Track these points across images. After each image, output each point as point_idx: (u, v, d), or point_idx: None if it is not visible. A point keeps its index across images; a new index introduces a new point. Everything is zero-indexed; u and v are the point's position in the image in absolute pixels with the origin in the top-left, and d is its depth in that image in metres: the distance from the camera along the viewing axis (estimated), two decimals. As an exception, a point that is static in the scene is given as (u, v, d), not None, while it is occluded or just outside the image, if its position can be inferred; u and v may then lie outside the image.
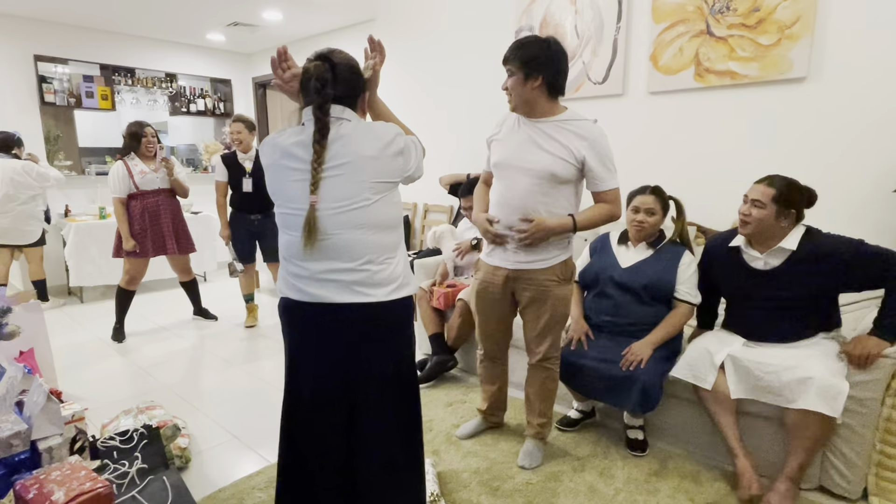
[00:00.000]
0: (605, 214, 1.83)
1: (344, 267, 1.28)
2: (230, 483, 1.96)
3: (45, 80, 4.70)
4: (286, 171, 1.30)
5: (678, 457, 2.12)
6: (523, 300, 1.96)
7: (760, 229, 1.87)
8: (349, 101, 1.34)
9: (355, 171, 1.26)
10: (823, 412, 1.66)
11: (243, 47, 5.82)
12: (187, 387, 2.85)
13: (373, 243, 1.29)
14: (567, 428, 2.33)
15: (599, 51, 3.16)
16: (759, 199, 1.85)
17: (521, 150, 1.84)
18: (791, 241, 1.85)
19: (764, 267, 1.91)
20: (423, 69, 4.30)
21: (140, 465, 1.66)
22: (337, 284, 1.28)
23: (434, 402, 2.61)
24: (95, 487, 1.30)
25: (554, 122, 1.82)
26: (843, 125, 2.44)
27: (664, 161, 3.02)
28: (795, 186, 1.86)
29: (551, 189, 1.81)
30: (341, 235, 1.26)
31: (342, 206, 1.26)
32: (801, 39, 2.46)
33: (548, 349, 1.99)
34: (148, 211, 3.47)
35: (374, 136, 1.30)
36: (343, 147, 1.26)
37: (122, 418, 2.17)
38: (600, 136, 1.79)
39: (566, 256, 1.92)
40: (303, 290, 1.32)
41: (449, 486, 1.94)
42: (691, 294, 2.07)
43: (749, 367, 1.85)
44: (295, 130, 1.32)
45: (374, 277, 1.30)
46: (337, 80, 1.28)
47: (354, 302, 1.29)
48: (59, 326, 3.91)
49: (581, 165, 1.79)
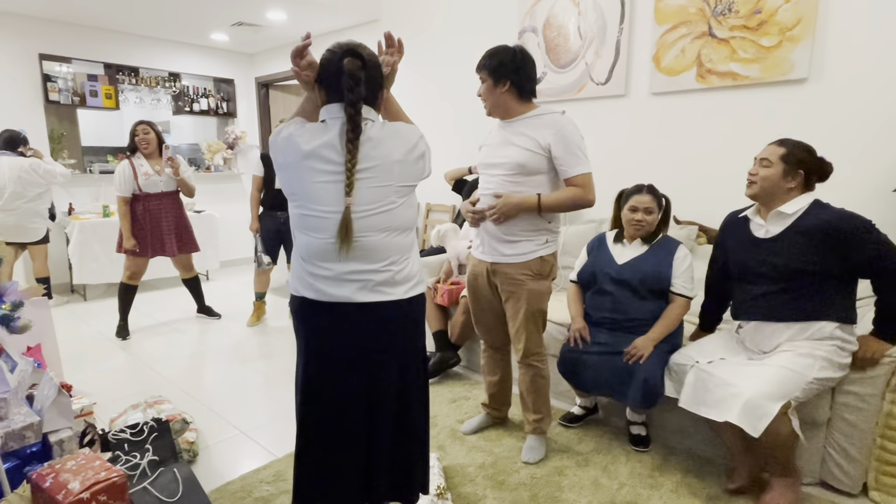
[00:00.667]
0: (571, 197, 1.86)
1: (369, 268, 1.29)
2: (238, 476, 1.99)
3: (50, 79, 4.73)
4: (312, 172, 1.24)
5: (681, 452, 2.14)
6: (503, 294, 2.03)
7: (765, 189, 1.80)
8: (372, 99, 1.31)
9: (384, 174, 1.26)
10: (744, 428, 1.62)
11: (247, 47, 5.85)
12: (192, 383, 2.87)
13: (395, 245, 1.32)
14: (570, 424, 2.35)
15: (602, 52, 3.19)
16: (766, 157, 1.80)
17: (496, 149, 1.97)
18: (792, 205, 1.77)
19: (765, 235, 1.84)
20: (427, 69, 4.33)
21: (151, 457, 1.68)
22: (360, 284, 1.29)
23: (438, 398, 2.63)
24: (111, 477, 1.32)
25: (524, 119, 1.93)
26: (843, 126, 2.47)
27: (666, 161, 3.05)
28: (807, 148, 1.79)
29: (524, 180, 1.89)
30: (369, 238, 1.27)
31: (371, 209, 1.26)
32: (802, 41, 2.49)
33: (527, 346, 2.02)
34: (150, 213, 3.50)
35: (401, 139, 1.31)
36: (372, 150, 1.25)
37: (130, 412, 2.19)
38: (567, 125, 1.86)
39: (544, 253, 1.96)
40: (322, 290, 1.30)
41: (455, 479, 1.96)
42: (686, 287, 2.10)
43: (705, 383, 1.78)
44: (316, 129, 1.27)
45: (396, 277, 1.32)
46: (367, 78, 1.24)
47: (375, 301, 1.30)
48: (63, 323, 3.92)
49: (548, 154, 1.86)
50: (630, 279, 2.11)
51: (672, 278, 2.10)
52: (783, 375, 1.67)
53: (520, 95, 1.92)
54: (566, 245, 3.13)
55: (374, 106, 1.33)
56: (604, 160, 3.30)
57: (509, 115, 1.95)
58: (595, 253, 2.28)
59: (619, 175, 3.21)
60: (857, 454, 1.81)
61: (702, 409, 1.78)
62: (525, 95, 1.93)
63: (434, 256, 3.26)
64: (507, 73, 1.88)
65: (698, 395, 1.80)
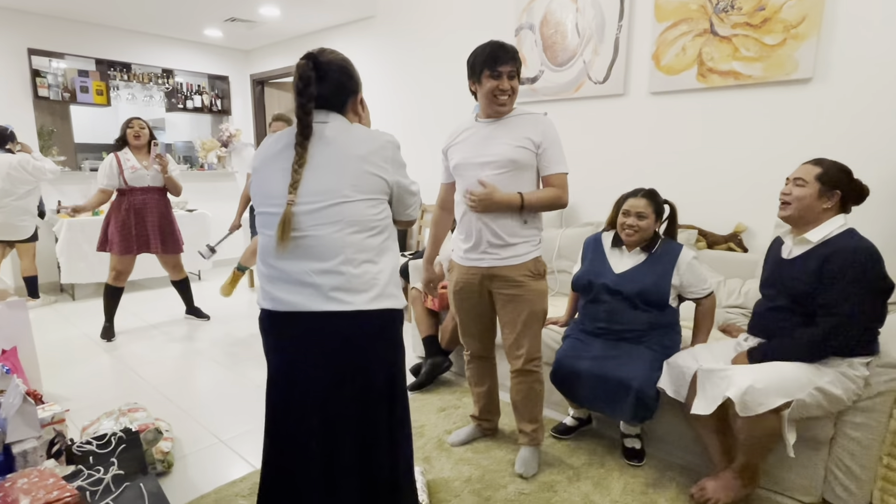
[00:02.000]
0: (552, 197, 1.87)
1: (319, 267, 1.20)
2: (213, 489, 1.90)
3: (39, 74, 4.65)
4: (270, 171, 1.27)
5: (677, 467, 2.05)
6: (500, 300, 1.94)
7: (801, 210, 1.71)
8: (337, 102, 1.29)
9: (336, 168, 1.21)
10: (736, 404, 1.55)
11: (241, 44, 5.76)
12: (175, 388, 2.79)
13: (350, 242, 1.21)
14: (562, 436, 2.26)
15: (600, 50, 3.10)
16: (801, 176, 1.72)
17: (479, 147, 1.90)
18: (818, 232, 1.69)
19: (787, 255, 1.79)
20: (423, 67, 4.25)
21: (116, 471, 1.59)
22: (313, 289, 1.20)
23: (426, 406, 2.55)
24: (62, 497, 1.24)
25: (511, 118, 1.89)
26: (848, 128, 2.37)
27: (665, 163, 2.95)
28: (844, 168, 1.71)
29: (512, 177, 1.85)
30: (317, 231, 1.20)
31: (318, 200, 1.20)
32: (807, 39, 2.40)
33: (529, 349, 1.95)
34: (134, 208, 3.42)
35: (363, 137, 1.26)
36: (326, 146, 1.23)
37: (103, 420, 2.10)
38: (550, 126, 1.89)
39: (537, 254, 1.94)
40: (277, 297, 1.24)
41: (439, 495, 1.88)
42: (704, 290, 2.02)
43: (710, 380, 1.72)
44: (285, 133, 1.29)
45: (352, 282, 1.21)
46: (323, 79, 1.24)
47: (331, 310, 1.20)
48: (49, 324, 3.85)
49: (537, 150, 1.85)
50: (627, 291, 2.01)
51: (687, 289, 2.02)
52: (790, 374, 1.61)
53: None
54: (562, 249, 3.04)
55: (340, 110, 1.30)
56: (601, 162, 3.22)
57: (493, 114, 1.90)
58: (591, 257, 2.19)
59: (616, 177, 3.13)
60: (862, 473, 1.73)
61: (711, 405, 1.70)
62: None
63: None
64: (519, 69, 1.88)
65: (707, 395, 1.72)
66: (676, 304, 2.07)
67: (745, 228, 2.68)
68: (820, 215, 1.71)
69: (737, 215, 2.71)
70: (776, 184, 1.94)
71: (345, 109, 1.31)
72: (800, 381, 1.61)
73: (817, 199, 1.69)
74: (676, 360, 1.92)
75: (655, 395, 1.92)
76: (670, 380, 1.90)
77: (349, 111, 1.33)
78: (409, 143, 4.46)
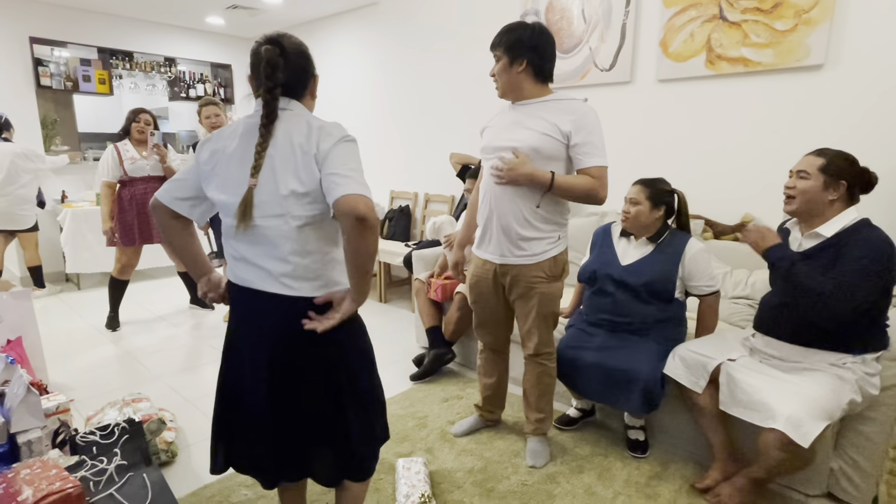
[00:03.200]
0: (586, 186, 1.72)
1: (272, 254, 1.24)
2: (216, 479, 1.91)
3: (42, 63, 4.62)
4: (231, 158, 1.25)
5: (681, 459, 2.04)
6: (512, 294, 1.92)
7: (806, 203, 1.66)
8: (298, 86, 1.28)
9: (284, 158, 1.20)
10: (792, 436, 1.50)
11: (244, 31, 5.72)
12: (179, 378, 2.80)
13: (297, 233, 1.22)
14: (566, 427, 2.25)
15: (607, 36, 3.04)
16: (804, 169, 1.66)
17: (505, 131, 1.82)
18: (832, 226, 1.63)
19: (797, 249, 1.72)
20: (426, 55, 4.19)
21: (119, 461, 1.59)
22: (266, 273, 1.25)
23: (430, 397, 2.54)
24: (65, 487, 1.24)
25: (541, 103, 1.79)
26: (861, 116, 2.32)
27: (673, 151, 2.91)
28: (848, 157, 1.65)
29: (538, 165, 1.75)
30: (266, 223, 1.22)
31: (269, 191, 1.20)
32: (819, 25, 2.34)
33: (537, 344, 1.93)
34: (136, 199, 3.41)
35: (306, 125, 1.22)
36: (281, 134, 1.22)
37: (107, 410, 2.11)
38: (588, 112, 1.74)
39: (557, 252, 1.85)
40: (237, 274, 1.30)
41: (441, 486, 1.88)
42: (709, 286, 1.98)
43: (738, 384, 1.70)
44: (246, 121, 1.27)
45: (299, 270, 1.23)
46: (287, 65, 1.23)
47: (280, 293, 1.24)
48: (55, 314, 3.87)
49: (567, 141, 1.73)
50: (633, 283, 1.99)
51: (690, 281, 1.97)
52: (824, 395, 1.56)
53: (536, 76, 1.77)
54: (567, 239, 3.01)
55: (298, 97, 1.28)
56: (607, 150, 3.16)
57: (523, 96, 1.80)
58: (599, 247, 2.16)
59: (622, 166, 3.08)
60: (868, 467, 1.71)
61: (737, 411, 1.69)
62: (542, 77, 1.79)
63: (429, 249, 3.16)
64: (523, 52, 1.73)
65: (736, 397, 1.70)
66: (683, 297, 2.04)
67: (752, 218, 2.64)
68: (826, 207, 1.65)
69: (744, 205, 2.67)
70: (784, 173, 1.90)
71: (304, 94, 1.30)
72: (838, 401, 1.57)
73: (822, 190, 1.64)
74: (690, 348, 1.89)
75: (662, 387, 1.90)
76: (685, 369, 1.86)
77: (307, 95, 1.32)
78: (410, 131, 4.43)
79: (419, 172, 4.44)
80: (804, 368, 1.69)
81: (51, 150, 4.73)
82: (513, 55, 1.74)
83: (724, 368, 1.76)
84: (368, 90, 4.77)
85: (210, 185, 1.29)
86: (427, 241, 3.54)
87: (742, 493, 1.74)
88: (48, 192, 4.68)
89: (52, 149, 4.74)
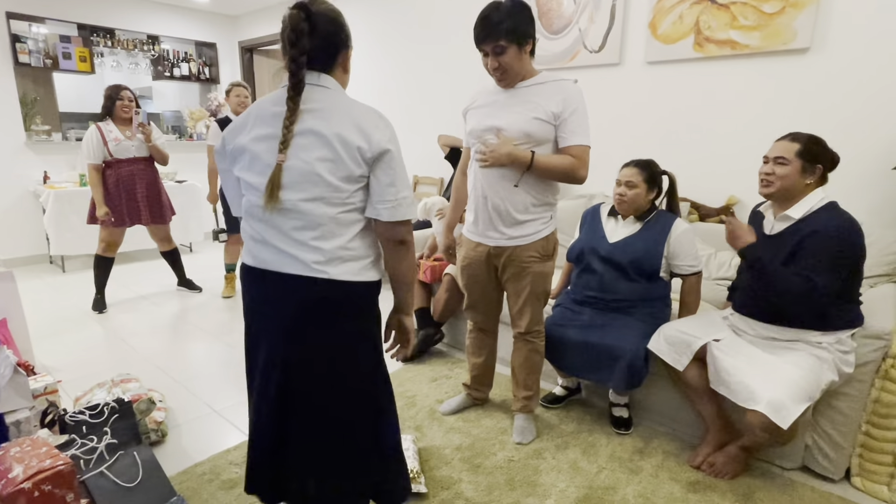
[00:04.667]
0: (565, 165, 1.72)
1: (299, 238, 1.18)
2: (207, 458, 1.92)
3: (19, 40, 4.49)
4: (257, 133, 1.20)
5: (663, 435, 2.10)
6: (505, 275, 1.93)
7: (785, 188, 1.69)
8: (326, 57, 1.21)
9: (317, 142, 1.15)
10: (774, 420, 1.55)
11: (229, 9, 5.59)
12: (167, 359, 2.80)
13: (327, 216, 1.17)
14: (552, 405, 2.30)
15: (596, 17, 3.03)
16: (782, 155, 1.69)
17: (493, 115, 1.79)
18: (800, 209, 1.68)
19: (770, 231, 1.78)
20: (418, 34, 4.14)
21: (109, 440, 1.61)
22: (289, 256, 1.19)
23: (419, 376, 2.57)
24: (56, 465, 1.25)
25: (530, 86, 1.76)
26: (844, 100, 2.35)
27: (661, 133, 2.93)
28: (819, 140, 1.70)
29: (529, 148, 1.74)
30: (299, 205, 1.17)
31: (301, 173, 1.15)
32: (805, 8, 2.35)
33: (528, 323, 1.96)
34: (122, 180, 3.36)
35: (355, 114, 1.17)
36: (313, 118, 1.16)
37: (96, 391, 2.11)
38: (576, 94, 1.73)
39: (548, 231, 1.87)
40: (257, 255, 1.24)
41: (430, 462, 1.91)
42: (693, 266, 2.02)
43: (721, 365, 1.75)
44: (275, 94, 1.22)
45: (333, 252, 1.18)
46: (314, 31, 1.16)
47: (303, 275, 1.18)
48: (40, 296, 3.83)
49: (555, 122, 1.73)
50: (620, 260, 2.02)
51: (674, 260, 2.01)
52: (804, 378, 1.61)
53: (532, 53, 1.75)
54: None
55: (327, 69, 1.21)
56: (594, 132, 3.14)
57: (520, 79, 1.76)
58: (588, 227, 2.19)
59: (610, 148, 3.09)
60: (842, 440, 1.77)
61: (722, 389, 1.74)
62: (533, 52, 1.76)
63: (419, 231, 3.16)
64: (529, 30, 1.68)
65: (720, 375, 1.75)
66: (668, 277, 2.08)
67: (737, 201, 2.68)
68: (804, 191, 1.70)
69: (730, 188, 2.71)
70: (770, 156, 1.93)
71: (334, 65, 1.23)
72: (817, 382, 1.62)
73: (800, 175, 1.68)
74: (676, 327, 1.93)
75: (646, 364, 1.95)
76: (668, 346, 1.90)
77: (339, 67, 1.25)
78: (400, 113, 4.40)
79: (409, 154, 4.39)
80: (783, 347, 1.74)
81: (31, 130, 4.63)
82: (522, 38, 1.67)
83: (710, 349, 1.80)
84: (357, 71, 4.70)
85: (237, 164, 1.25)
86: (417, 222, 3.54)
87: (736, 462, 1.81)
88: (29, 173, 4.59)
89: (32, 128, 4.63)
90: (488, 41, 1.67)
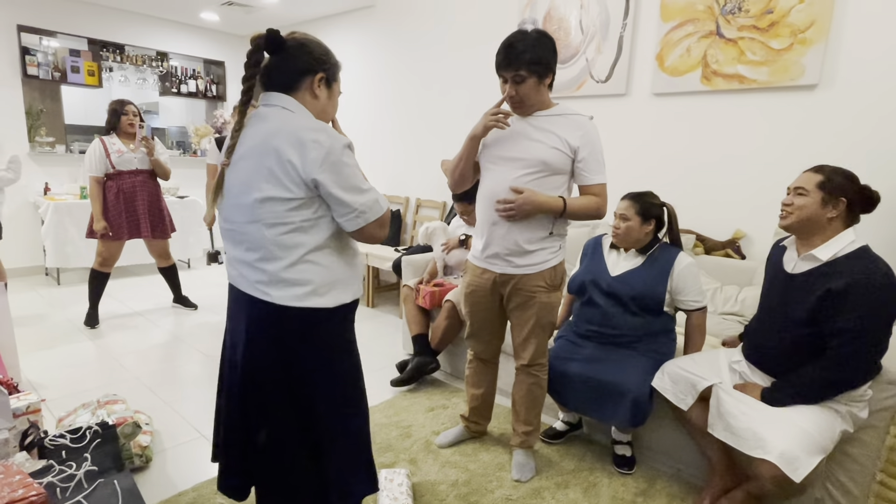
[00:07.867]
0: (593, 206, 1.75)
1: (247, 258, 1.23)
2: (191, 486, 1.85)
3: (29, 52, 4.53)
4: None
5: (667, 476, 2.02)
6: (511, 304, 1.88)
7: (802, 221, 1.60)
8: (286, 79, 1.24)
9: (259, 162, 1.17)
10: (783, 469, 1.46)
11: (238, 29, 5.66)
12: (158, 379, 2.72)
13: (271, 239, 1.18)
14: (552, 440, 2.22)
15: (604, 48, 3.04)
16: (802, 185, 1.60)
17: (510, 143, 1.77)
18: (828, 250, 1.56)
19: (791, 269, 1.66)
20: (422, 59, 4.17)
21: (89, 466, 1.53)
22: (241, 274, 1.26)
23: (415, 406, 2.50)
24: (28, 495, 1.18)
25: (547, 116, 1.76)
26: (854, 136, 2.33)
27: (666, 165, 2.91)
28: (847, 174, 1.59)
29: (542, 180, 1.73)
30: (241, 226, 1.22)
31: (241, 192, 1.20)
32: (814, 45, 2.35)
33: (532, 355, 1.90)
34: (123, 192, 3.33)
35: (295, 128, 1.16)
36: (255, 134, 1.20)
37: (80, 412, 2.04)
38: (594, 130, 1.75)
39: (556, 261, 1.83)
40: (229, 271, 1.33)
41: (424, 498, 1.83)
42: (697, 301, 1.96)
43: (727, 408, 1.66)
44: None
45: (275, 275, 1.20)
46: (277, 52, 1.23)
47: (249, 294, 1.24)
48: (32, 309, 3.76)
49: (574, 156, 1.73)
50: (621, 294, 1.97)
51: (678, 295, 1.95)
52: (817, 428, 1.53)
53: (550, 86, 1.75)
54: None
55: (289, 91, 1.24)
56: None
57: (537, 109, 1.75)
58: (589, 258, 2.14)
59: (615, 179, 3.06)
60: (855, 489, 1.69)
61: (724, 435, 1.65)
62: (552, 85, 1.76)
63: (419, 255, 3.12)
64: (551, 63, 1.68)
65: (724, 420, 1.66)
66: (672, 311, 2.03)
67: (743, 235, 2.64)
68: (826, 226, 1.59)
69: (736, 221, 2.67)
70: (777, 191, 1.90)
71: (299, 88, 1.24)
72: (832, 433, 1.55)
73: (821, 207, 1.58)
74: (680, 365, 1.86)
75: (650, 401, 1.88)
76: (672, 385, 1.83)
77: (305, 91, 1.25)
78: (404, 135, 4.40)
79: (411, 177, 4.41)
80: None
81: (35, 141, 4.63)
82: (541, 71, 1.67)
83: (715, 390, 1.73)
84: (362, 93, 4.73)
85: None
86: (417, 247, 3.50)
87: None
88: (31, 184, 4.57)
89: (36, 139, 4.63)
90: (510, 69, 1.67)
